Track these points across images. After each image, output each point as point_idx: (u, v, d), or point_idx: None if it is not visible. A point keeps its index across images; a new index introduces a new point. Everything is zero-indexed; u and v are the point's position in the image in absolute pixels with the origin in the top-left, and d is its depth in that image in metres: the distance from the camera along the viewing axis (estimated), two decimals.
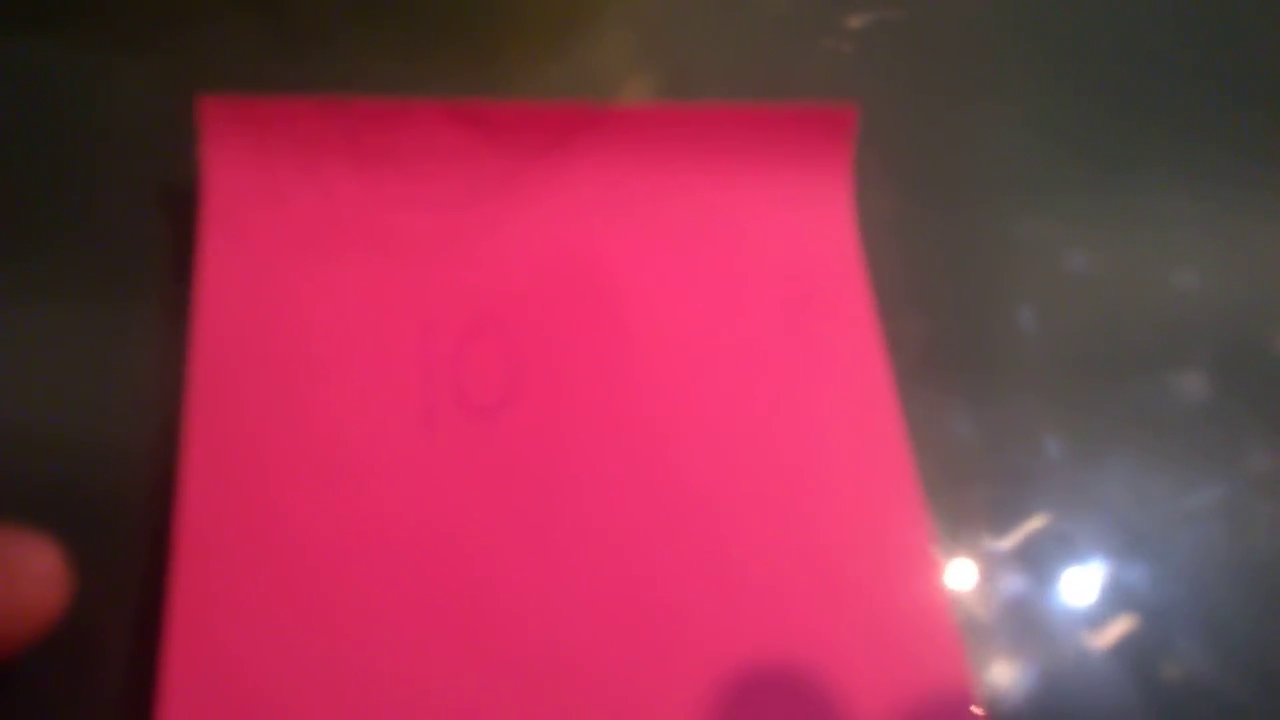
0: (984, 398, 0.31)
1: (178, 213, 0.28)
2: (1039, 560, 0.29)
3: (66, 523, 0.22)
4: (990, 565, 0.28)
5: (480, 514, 0.25)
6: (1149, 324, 0.33)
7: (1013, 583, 0.28)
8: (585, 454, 0.26)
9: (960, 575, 0.28)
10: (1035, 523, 0.29)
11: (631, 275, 0.29)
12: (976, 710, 0.25)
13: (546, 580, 0.25)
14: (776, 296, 0.30)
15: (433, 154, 0.29)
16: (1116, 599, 0.29)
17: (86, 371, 0.26)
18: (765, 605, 0.25)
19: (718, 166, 0.30)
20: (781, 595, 0.26)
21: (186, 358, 0.26)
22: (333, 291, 0.27)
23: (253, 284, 0.27)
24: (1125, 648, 0.28)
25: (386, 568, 0.24)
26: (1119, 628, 0.28)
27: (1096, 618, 0.28)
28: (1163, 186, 0.36)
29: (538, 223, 0.29)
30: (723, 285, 0.30)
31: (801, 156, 0.31)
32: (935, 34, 0.38)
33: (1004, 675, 0.27)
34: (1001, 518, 0.29)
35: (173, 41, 0.32)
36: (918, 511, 0.27)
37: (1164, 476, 0.31)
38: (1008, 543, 0.29)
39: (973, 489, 0.29)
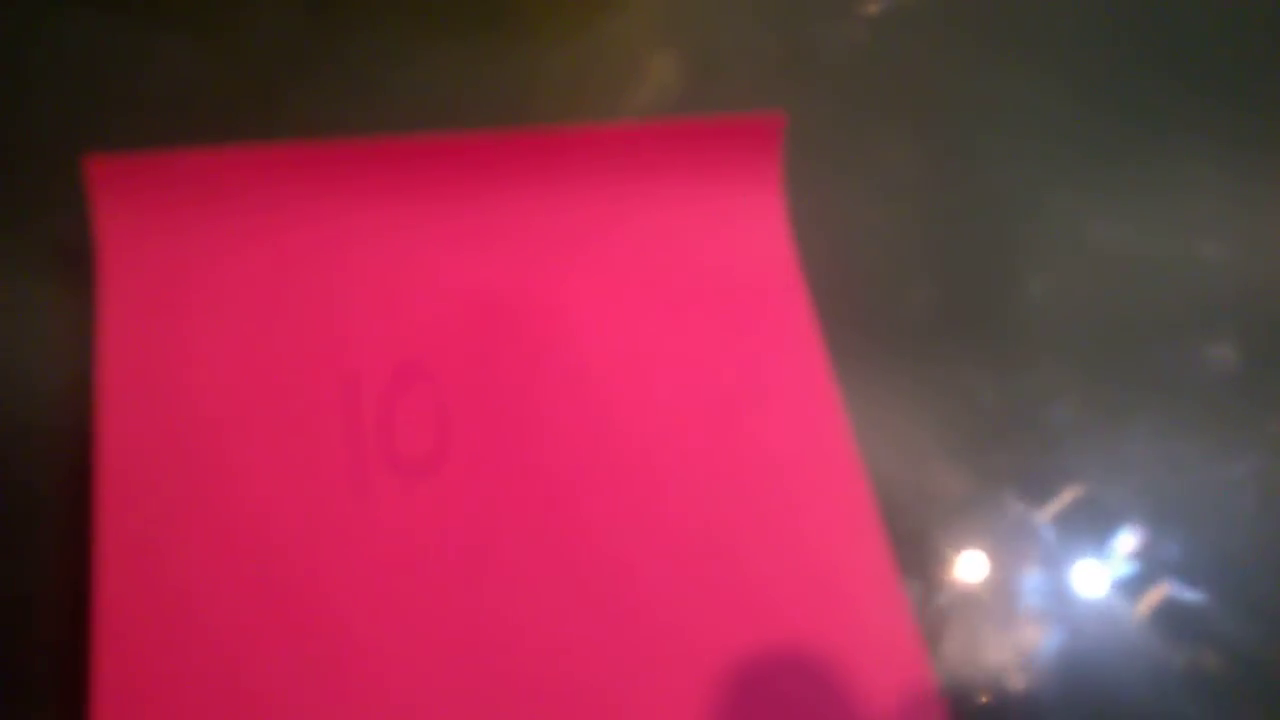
0: (1008, 365, 0.31)
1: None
2: (1065, 525, 0.29)
3: None
4: (1014, 530, 0.29)
5: (418, 576, 0.24)
6: (1174, 292, 0.34)
7: (1038, 547, 0.28)
8: (523, 505, 0.25)
9: (983, 541, 0.28)
10: (1060, 489, 0.29)
11: (562, 309, 0.28)
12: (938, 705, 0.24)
13: (485, 634, 0.24)
14: (713, 313, 0.29)
15: (342, 197, 0.27)
16: (1144, 564, 0.29)
17: None
18: (717, 641, 0.24)
19: (646, 187, 0.29)
20: (734, 628, 0.25)
21: (92, 437, 0.24)
22: (244, 350, 0.26)
23: (157, 351, 0.25)
24: (1153, 612, 0.28)
25: (316, 633, 0.23)
26: (1146, 591, 0.28)
27: (1123, 582, 0.28)
28: (1188, 154, 0.37)
29: (459, 261, 0.28)
30: (658, 308, 0.29)
31: (731, 169, 0.30)
32: (957, 8, 0.38)
33: (1031, 639, 0.27)
34: (1026, 483, 0.29)
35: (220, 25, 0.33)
36: (870, 513, 0.27)
37: (1190, 444, 0.31)
38: (1032, 507, 0.29)
39: (997, 454, 0.30)
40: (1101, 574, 0.29)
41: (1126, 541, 0.29)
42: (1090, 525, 0.30)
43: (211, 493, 0.24)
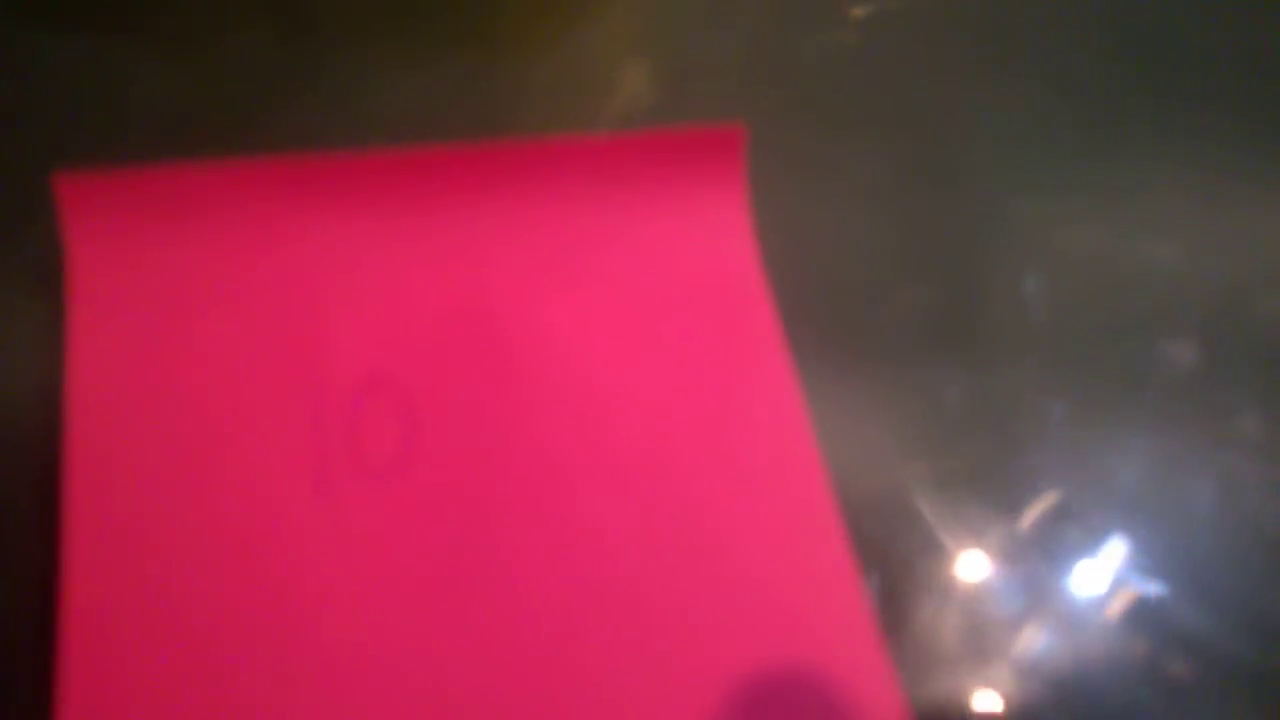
0: (974, 367, 0.32)
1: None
2: (1029, 524, 0.30)
3: None
4: (978, 529, 0.29)
5: (380, 579, 0.24)
6: (1138, 294, 0.34)
7: (1002, 546, 0.29)
8: (487, 510, 0.26)
9: (946, 540, 0.29)
10: (1024, 488, 0.30)
11: (528, 319, 0.28)
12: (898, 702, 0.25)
13: (453, 643, 0.24)
14: (678, 322, 0.29)
15: (310, 210, 0.28)
16: (1108, 559, 0.30)
17: None
18: (682, 641, 0.25)
19: (610, 199, 0.30)
20: (700, 629, 0.25)
21: (61, 446, 0.25)
22: (213, 361, 0.26)
23: (126, 362, 0.26)
24: (1116, 605, 0.29)
25: (284, 640, 0.23)
26: (1109, 586, 0.29)
27: (1087, 577, 0.29)
28: (1153, 161, 0.37)
29: (427, 272, 0.29)
30: (625, 316, 0.29)
31: (694, 180, 0.30)
32: (933, 22, 0.39)
33: (994, 636, 0.28)
34: (990, 483, 0.30)
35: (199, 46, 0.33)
36: (831, 513, 0.27)
37: (1153, 441, 0.32)
38: (995, 507, 0.30)
39: (961, 455, 0.30)
40: (1066, 570, 0.29)
41: (1091, 538, 0.30)
42: (1055, 523, 0.30)
43: (179, 498, 0.24)
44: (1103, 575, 0.30)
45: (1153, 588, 0.30)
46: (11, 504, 0.25)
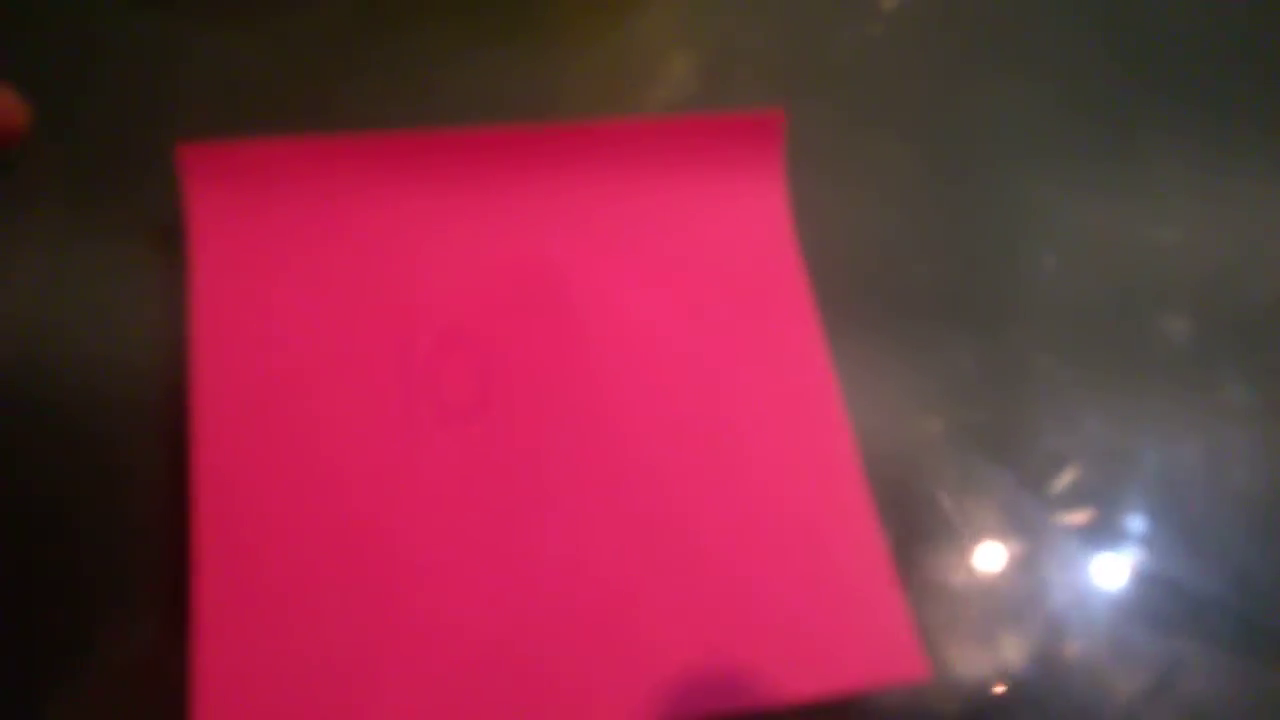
0: (988, 337, 0.35)
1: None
2: (1030, 476, 0.33)
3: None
4: (989, 478, 0.32)
5: (458, 505, 0.28)
6: (1137, 274, 0.37)
7: (1005, 498, 0.32)
8: (552, 447, 0.29)
9: (956, 489, 0.32)
10: (1027, 446, 0.33)
11: (587, 283, 0.32)
12: (922, 660, 0.28)
13: (522, 558, 0.28)
14: (720, 289, 0.32)
15: (400, 182, 0.31)
16: (1099, 509, 0.33)
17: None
18: (720, 569, 0.28)
19: (661, 176, 0.33)
20: (735, 560, 0.28)
21: (184, 394, 0.28)
22: (317, 317, 0.30)
23: (242, 318, 0.29)
24: (1108, 547, 0.32)
25: (376, 562, 0.27)
26: (1100, 533, 0.32)
27: (1080, 525, 0.32)
28: (1155, 152, 0.40)
29: (499, 240, 0.32)
30: (670, 286, 0.32)
31: (736, 161, 0.33)
32: (957, 15, 0.42)
33: (992, 560, 0.31)
34: (996, 440, 0.33)
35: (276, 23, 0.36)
36: (854, 464, 0.30)
37: (1147, 407, 0.35)
38: (1001, 461, 0.33)
39: (973, 412, 0.33)
40: (1062, 516, 0.32)
41: (1082, 488, 0.33)
42: (1053, 475, 0.33)
43: (291, 436, 0.28)
44: (1092, 520, 0.33)
45: (1137, 532, 0.33)
46: (143, 444, 0.28)
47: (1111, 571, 0.32)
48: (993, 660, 0.30)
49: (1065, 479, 0.33)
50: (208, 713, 0.24)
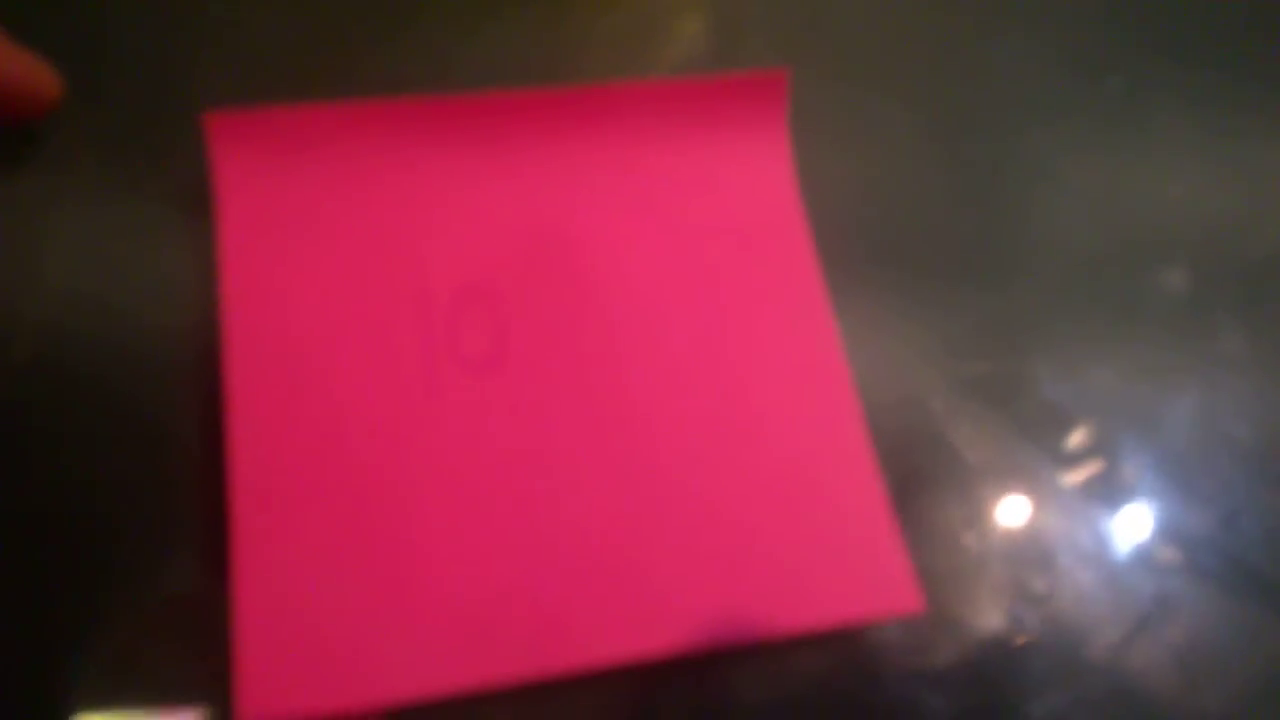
0: (989, 290, 0.36)
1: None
2: (1030, 427, 0.34)
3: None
4: (988, 426, 0.34)
5: (476, 455, 0.29)
6: (1139, 228, 0.38)
7: (1007, 442, 0.33)
8: (564, 398, 0.31)
9: (957, 439, 0.33)
10: (1027, 396, 0.34)
11: (598, 242, 0.33)
12: (917, 593, 0.29)
13: (534, 502, 0.29)
14: (726, 247, 0.33)
15: (419, 146, 0.32)
16: (1099, 460, 0.34)
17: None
18: (722, 512, 0.30)
19: (666, 137, 0.34)
20: (736, 503, 0.30)
21: (220, 338, 0.30)
22: (342, 278, 0.31)
23: (271, 283, 0.30)
24: (1106, 494, 0.33)
25: (397, 507, 0.29)
26: (1099, 482, 0.33)
27: (1081, 476, 0.33)
28: (1159, 109, 0.40)
29: (512, 201, 0.33)
30: (678, 242, 0.33)
31: (740, 121, 0.34)
32: None
33: (992, 508, 0.32)
34: (999, 386, 0.34)
35: None
36: (856, 415, 0.31)
37: (1147, 355, 0.36)
38: (1002, 411, 0.34)
39: (975, 364, 0.34)
40: (1061, 464, 0.33)
41: (1082, 437, 0.34)
42: (1054, 425, 0.34)
43: (319, 389, 0.29)
44: (1091, 471, 0.34)
45: (1132, 481, 0.34)
46: (179, 401, 0.30)
47: (1108, 516, 0.33)
48: (991, 604, 0.31)
49: (1065, 428, 0.34)
50: (249, 649, 0.26)
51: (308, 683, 0.26)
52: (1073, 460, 0.34)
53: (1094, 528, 0.33)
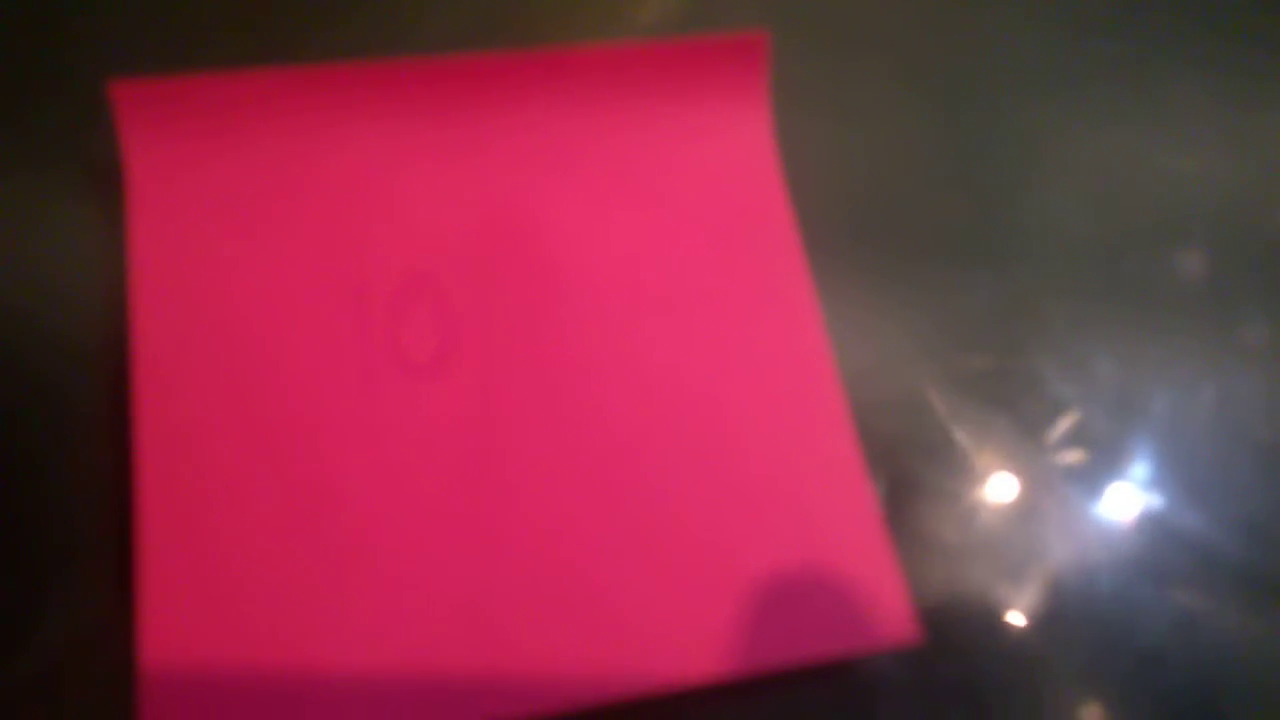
0: (989, 271, 0.33)
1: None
2: (1032, 420, 0.32)
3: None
4: (990, 425, 0.31)
5: (425, 466, 0.26)
6: (1152, 206, 0.35)
7: (1010, 441, 0.31)
8: (523, 401, 0.27)
9: (952, 436, 0.31)
10: (1031, 389, 0.32)
11: (560, 223, 0.30)
12: (913, 624, 0.27)
13: (491, 519, 0.26)
14: (702, 226, 0.30)
15: (354, 118, 0.29)
16: (1105, 456, 0.31)
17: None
18: (697, 531, 0.27)
19: (636, 104, 0.31)
20: (711, 520, 0.27)
21: (128, 340, 0.27)
22: (265, 262, 0.28)
23: (184, 263, 0.27)
24: (1114, 497, 0.31)
25: (331, 521, 0.25)
26: (1106, 480, 0.31)
27: (1085, 473, 0.31)
28: (1171, 80, 0.38)
29: (464, 178, 0.30)
30: (650, 221, 0.30)
31: (717, 86, 0.31)
32: None
33: (993, 513, 0.30)
34: (1000, 381, 0.32)
35: None
36: (840, 408, 0.29)
37: (1160, 346, 0.33)
38: (1006, 407, 0.31)
39: (973, 357, 0.32)
40: (1066, 466, 0.31)
41: (1088, 435, 0.31)
42: (1059, 422, 0.32)
43: (238, 391, 0.26)
44: (1097, 467, 0.31)
45: (1144, 479, 0.31)
46: (83, 395, 0.27)
47: (1117, 522, 0.31)
48: (991, 615, 0.29)
49: (1071, 426, 0.32)
50: (154, 673, 0.23)
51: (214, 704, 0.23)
52: (1080, 465, 0.31)
53: (1103, 537, 0.30)
